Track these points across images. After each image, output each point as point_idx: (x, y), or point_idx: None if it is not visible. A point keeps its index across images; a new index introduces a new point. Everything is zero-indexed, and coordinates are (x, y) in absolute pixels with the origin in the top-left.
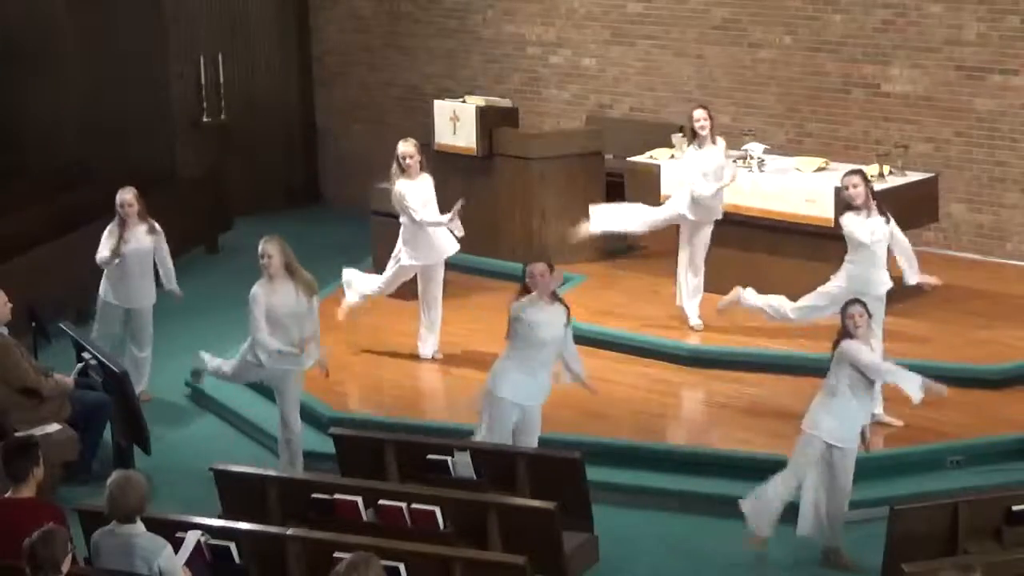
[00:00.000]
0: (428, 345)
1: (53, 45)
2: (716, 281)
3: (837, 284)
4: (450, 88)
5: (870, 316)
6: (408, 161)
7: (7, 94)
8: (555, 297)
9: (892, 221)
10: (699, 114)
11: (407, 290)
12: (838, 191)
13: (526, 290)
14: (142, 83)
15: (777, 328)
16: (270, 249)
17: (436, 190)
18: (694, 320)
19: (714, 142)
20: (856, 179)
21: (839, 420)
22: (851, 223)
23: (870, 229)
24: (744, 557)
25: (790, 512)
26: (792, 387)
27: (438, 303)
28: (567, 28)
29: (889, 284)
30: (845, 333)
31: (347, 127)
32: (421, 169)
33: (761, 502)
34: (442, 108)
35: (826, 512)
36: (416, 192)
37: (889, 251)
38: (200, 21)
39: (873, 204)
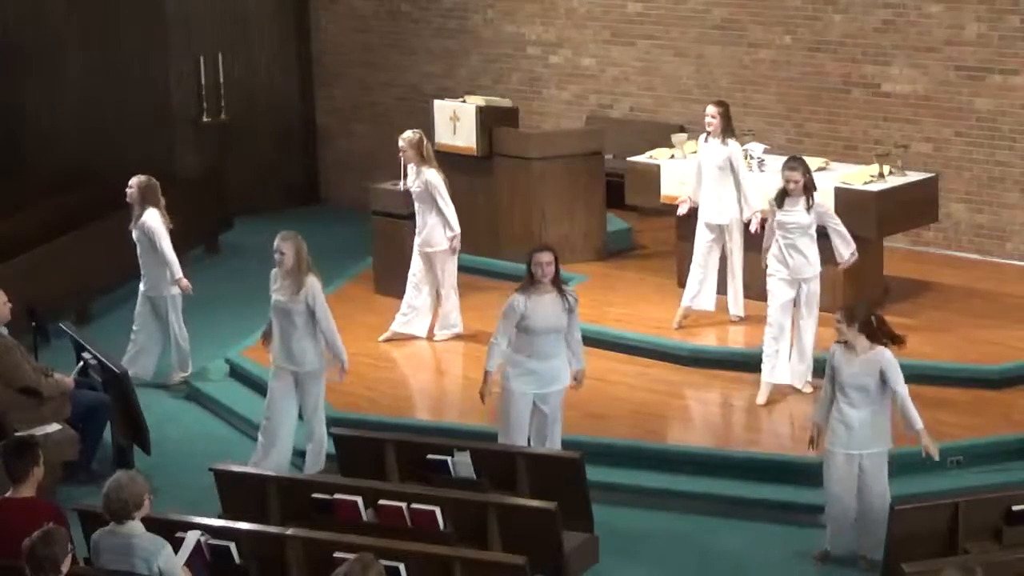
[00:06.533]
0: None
1: (53, 45)
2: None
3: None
4: (450, 88)
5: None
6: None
7: (7, 94)
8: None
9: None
10: (709, 109)
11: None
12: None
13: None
14: (142, 83)
15: None
16: (284, 247)
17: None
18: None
19: (724, 142)
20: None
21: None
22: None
23: None
24: (746, 556)
25: (790, 512)
26: (792, 387)
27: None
28: (567, 28)
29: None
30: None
31: (347, 127)
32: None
33: None
34: (442, 108)
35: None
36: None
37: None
38: (200, 21)
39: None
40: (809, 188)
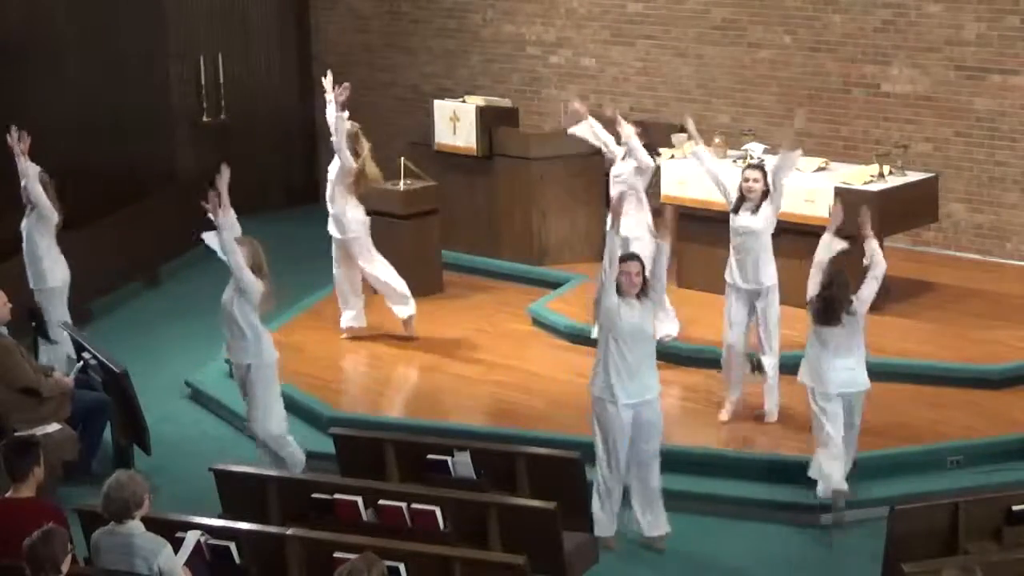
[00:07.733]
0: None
1: (53, 45)
2: (716, 281)
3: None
4: (450, 88)
5: None
6: None
7: (7, 94)
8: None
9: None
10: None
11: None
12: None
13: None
14: (142, 83)
15: None
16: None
17: (437, 189)
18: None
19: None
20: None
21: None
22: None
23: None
24: (746, 556)
25: (790, 512)
26: (791, 387)
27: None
28: (567, 28)
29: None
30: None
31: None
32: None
33: None
34: (442, 108)
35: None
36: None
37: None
38: (200, 21)
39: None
40: (766, 197)
